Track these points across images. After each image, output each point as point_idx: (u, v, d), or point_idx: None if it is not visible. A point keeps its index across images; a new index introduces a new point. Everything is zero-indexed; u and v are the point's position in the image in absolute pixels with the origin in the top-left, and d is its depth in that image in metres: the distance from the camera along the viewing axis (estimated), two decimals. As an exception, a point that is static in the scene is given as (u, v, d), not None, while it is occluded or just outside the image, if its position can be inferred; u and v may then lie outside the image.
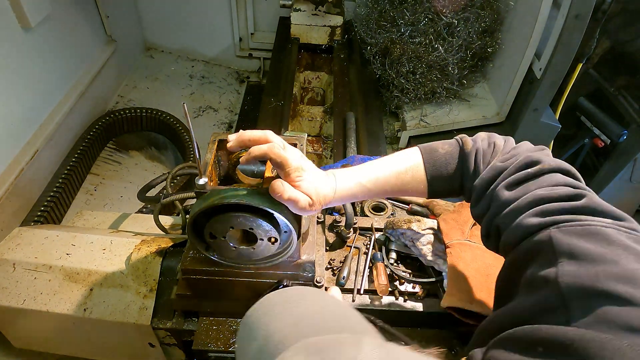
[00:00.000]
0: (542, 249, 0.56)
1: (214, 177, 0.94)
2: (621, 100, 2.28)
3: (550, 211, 0.58)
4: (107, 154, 2.36)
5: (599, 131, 2.29)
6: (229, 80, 3.04)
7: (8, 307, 1.08)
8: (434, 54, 2.16)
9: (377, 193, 0.81)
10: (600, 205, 0.57)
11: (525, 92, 2.07)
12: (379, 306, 1.01)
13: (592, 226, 0.53)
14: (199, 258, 0.92)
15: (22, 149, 1.81)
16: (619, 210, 0.57)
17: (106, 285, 1.09)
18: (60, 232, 1.21)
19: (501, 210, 0.66)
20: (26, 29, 1.78)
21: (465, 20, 2.14)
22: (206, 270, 0.91)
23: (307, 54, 2.61)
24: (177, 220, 1.39)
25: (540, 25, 1.85)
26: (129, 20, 2.79)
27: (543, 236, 0.56)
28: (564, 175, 0.65)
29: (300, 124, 2.28)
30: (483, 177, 0.71)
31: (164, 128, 2.42)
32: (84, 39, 2.26)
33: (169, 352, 1.18)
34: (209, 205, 0.75)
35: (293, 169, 0.72)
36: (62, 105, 2.05)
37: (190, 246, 0.95)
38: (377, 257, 1.05)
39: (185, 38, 2.98)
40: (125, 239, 1.19)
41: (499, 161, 0.71)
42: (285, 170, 0.72)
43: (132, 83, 2.77)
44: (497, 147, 0.75)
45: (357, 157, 1.62)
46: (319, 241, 1.07)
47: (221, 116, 2.78)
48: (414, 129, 2.29)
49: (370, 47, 2.40)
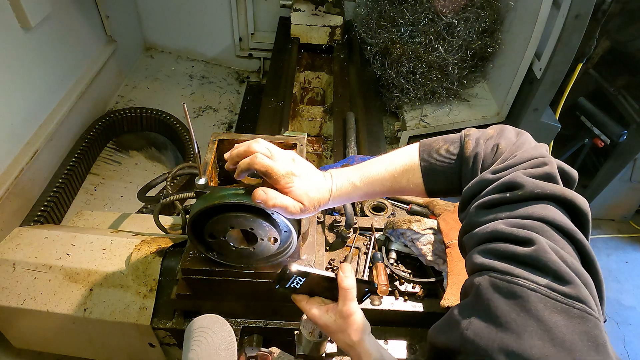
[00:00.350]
0: (470, 292, 0.58)
1: (214, 177, 0.94)
2: (621, 100, 2.28)
3: (494, 253, 0.57)
4: (107, 154, 2.36)
5: (599, 131, 2.29)
6: (229, 80, 3.04)
7: (8, 307, 1.08)
8: (434, 54, 2.16)
9: (375, 194, 0.80)
10: (544, 259, 0.52)
11: (525, 92, 2.07)
12: (379, 306, 1.01)
13: (518, 286, 0.51)
14: (199, 258, 0.92)
15: (22, 149, 1.81)
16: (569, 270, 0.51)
17: (106, 285, 1.09)
18: (60, 232, 1.21)
19: (468, 230, 0.65)
20: (26, 29, 1.79)
21: (465, 20, 2.14)
22: (206, 270, 0.91)
23: (307, 54, 2.61)
24: (177, 220, 1.39)
25: (540, 25, 1.85)
26: (129, 20, 2.79)
27: (476, 280, 0.56)
28: (556, 203, 0.59)
29: (300, 124, 2.28)
30: (470, 187, 0.68)
31: (164, 128, 2.42)
32: (84, 39, 2.26)
33: (169, 352, 1.18)
34: (209, 205, 0.75)
35: (281, 175, 0.72)
36: (62, 105, 2.05)
37: (190, 246, 0.95)
38: (377, 257, 1.05)
39: (185, 38, 2.98)
40: (125, 239, 1.19)
41: (490, 172, 0.66)
42: (273, 177, 0.72)
43: (132, 83, 2.77)
44: (500, 151, 0.70)
45: (357, 157, 1.62)
46: (319, 241, 1.07)
47: (221, 116, 2.78)
48: (414, 129, 2.29)
49: (370, 47, 2.40)
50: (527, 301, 0.50)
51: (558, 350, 0.46)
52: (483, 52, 2.22)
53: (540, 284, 0.51)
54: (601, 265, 0.56)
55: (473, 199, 0.67)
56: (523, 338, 0.48)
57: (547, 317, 0.48)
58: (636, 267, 2.47)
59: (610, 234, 2.60)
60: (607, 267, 2.43)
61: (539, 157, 0.65)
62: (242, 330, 0.98)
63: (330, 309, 0.76)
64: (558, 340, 0.47)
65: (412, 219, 1.07)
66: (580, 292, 0.50)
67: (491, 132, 0.74)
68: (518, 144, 0.70)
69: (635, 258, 2.52)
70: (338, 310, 0.74)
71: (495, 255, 0.57)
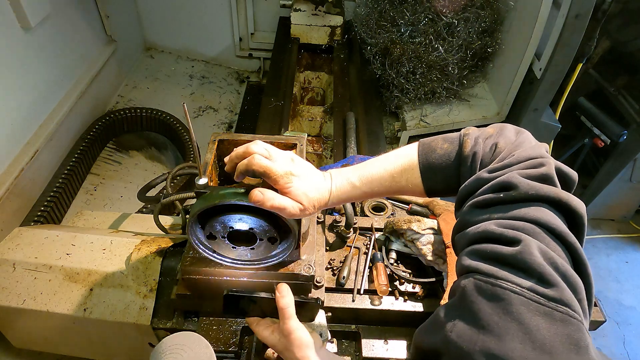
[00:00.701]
0: (457, 293, 0.58)
1: (214, 177, 0.94)
2: (621, 100, 2.28)
3: (481, 253, 0.57)
4: (107, 154, 2.36)
5: (599, 131, 2.30)
6: (229, 80, 3.04)
7: (8, 307, 1.08)
8: (434, 54, 2.16)
9: (374, 194, 0.80)
10: (528, 261, 0.52)
11: (525, 92, 2.07)
12: (379, 306, 1.01)
13: (501, 288, 0.51)
14: (199, 258, 0.92)
15: (22, 149, 1.81)
16: (553, 273, 0.51)
17: (106, 285, 1.09)
18: (60, 232, 1.21)
19: (460, 228, 0.65)
20: (26, 29, 1.79)
21: (465, 20, 2.14)
22: (206, 270, 0.91)
23: (307, 54, 2.61)
24: (177, 220, 1.39)
25: (540, 25, 1.85)
26: (129, 20, 2.79)
27: (463, 282, 0.57)
28: (550, 205, 0.59)
29: (300, 124, 2.28)
30: (466, 186, 0.68)
31: (164, 128, 2.42)
32: (84, 39, 2.26)
33: (169, 352, 1.18)
34: (209, 205, 0.75)
35: (279, 175, 0.72)
36: (62, 105, 2.05)
37: (190, 246, 0.95)
38: (377, 257, 1.05)
39: (185, 38, 2.98)
40: (125, 239, 1.19)
41: (487, 171, 0.66)
42: (272, 178, 0.72)
43: (132, 83, 2.78)
44: (498, 150, 0.69)
45: (357, 157, 1.62)
46: (319, 241, 1.07)
47: (221, 116, 2.78)
48: (414, 129, 2.29)
49: (370, 47, 2.40)
50: (509, 304, 0.50)
51: (539, 354, 0.47)
52: (483, 52, 2.22)
53: (524, 286, 0.51)
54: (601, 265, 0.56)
55: (468, 198, 0.67)
56: (504, 341, 0.49)
57: (529, 320, 0.49)
58: (636, 267, 2.47)
59: (610, 234, 2.60)
60: (607, 267, 2.43)
61: (537, 157, 0.64)
62: (241, 331, 0.98)
63: (275, 329, 0.78)
64: (539, 343, 0.47)
65: (412, 219, 1.07)
66: (564, 294, 0.50)
67: (491, 131, 0.74)
68: (517, 143, 0.69)
69: (635, 258, 2.52)
70: (279, 329, 0.76)
71: (481, 257, 0.57)
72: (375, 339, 1.02)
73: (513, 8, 2.10)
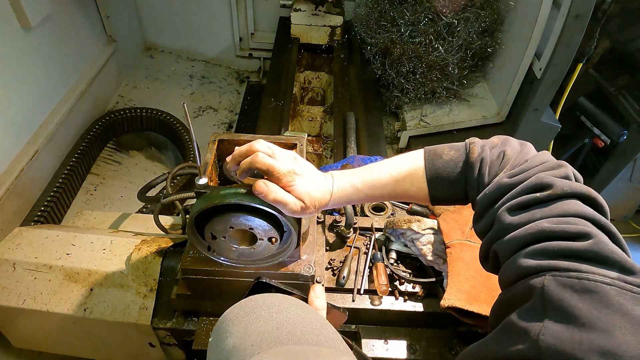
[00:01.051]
0: (533, 295, 0.53)
1: (214, 177, 0.94)
2: (621, 100, 2.28)
3: (549, 252, 0.54)
4: (107, 154, 2.36)
5: (599, 131, 2.29)
6: (229, 80, 3.04)
7: (8, 307, 1.08)
8: (434, 54, 2.16)
9: (375, 197, 0.80)
10: (607, 252, 0.51)
11: (525, 92, 2.07)
12: (379, 306, 1.01)
13: (590, 281, 0.49)
14: (199, 258, 0.92)
15: (22, 149, 1.81)
16: (629, 259, 0.51)
17: (106, 285, 1.09)
18: (60, 232, 1.21)
19: (502, 235, 0.62)
20: (26, 29, 1.78)
21: (465, 20, 2.14)
22: (206, 270, 0.91)
23: (307, 54, 2.61)
24: (177, 220, 1.39)
25: (540, 25, 1.85)
26: (129, 20, 2.79)
27: (537, 282, 0.53)
28: (580, 201, 0.59)
29: (300, 124, 2.28)
30: (486, 193, 0.67)
31: (164, 128, 2.42)
32: (84, 39, 2.26)
33: (169, 352, 1.18)
34: (209, 205, 0.75)
35: (283, 174, 0.72)
36: (62, 105, 2.05)
37: (190, 246, 0.95)
38: (377, 257, 1.05)
39: (185, 38, 2.98)
40: (125, 239, 1.19)
41: (507, 176, 0.66)
42: (275, 176, 0.72)
43: (132, 83, 2.77)
44: (507, 158, 0.70)
45: (357, 157, 1.62)
46: (319, 241, 1.07)
47: (221, 116, 2.78)
48: (414, 129, 2.29)
49: (370, 47, 2.40)
50: (605, 296, 0.48)
51: None
52: (483, 52, 2.22)
53: (612, 277, 0.49)
54: (601, 265, 0.57)
55: (492, 205, 0.66)
56: (613, 335, 0.45)
57: (632, 310, 0.46)
58: (636, 267, 2.47)
59: (610, 233, 2.60)
60: (607, 267, 2.43)
61: (549, 161, 0.66)
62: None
63: None
64: None
65: (412, 219, 1.07)
66: None
67: (496, 141, 0.75)
68: (523, 152, 0.71)
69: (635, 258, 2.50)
70: None
71: (549, 255, 0.54)
72: (375, 339, 1.02)
73: (513, 8, 2.10)
